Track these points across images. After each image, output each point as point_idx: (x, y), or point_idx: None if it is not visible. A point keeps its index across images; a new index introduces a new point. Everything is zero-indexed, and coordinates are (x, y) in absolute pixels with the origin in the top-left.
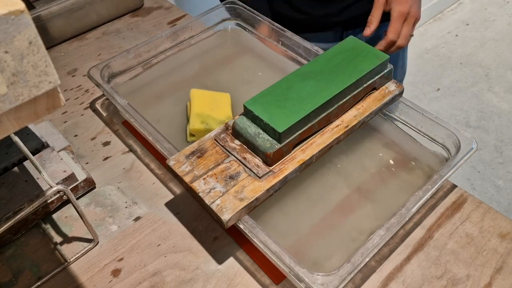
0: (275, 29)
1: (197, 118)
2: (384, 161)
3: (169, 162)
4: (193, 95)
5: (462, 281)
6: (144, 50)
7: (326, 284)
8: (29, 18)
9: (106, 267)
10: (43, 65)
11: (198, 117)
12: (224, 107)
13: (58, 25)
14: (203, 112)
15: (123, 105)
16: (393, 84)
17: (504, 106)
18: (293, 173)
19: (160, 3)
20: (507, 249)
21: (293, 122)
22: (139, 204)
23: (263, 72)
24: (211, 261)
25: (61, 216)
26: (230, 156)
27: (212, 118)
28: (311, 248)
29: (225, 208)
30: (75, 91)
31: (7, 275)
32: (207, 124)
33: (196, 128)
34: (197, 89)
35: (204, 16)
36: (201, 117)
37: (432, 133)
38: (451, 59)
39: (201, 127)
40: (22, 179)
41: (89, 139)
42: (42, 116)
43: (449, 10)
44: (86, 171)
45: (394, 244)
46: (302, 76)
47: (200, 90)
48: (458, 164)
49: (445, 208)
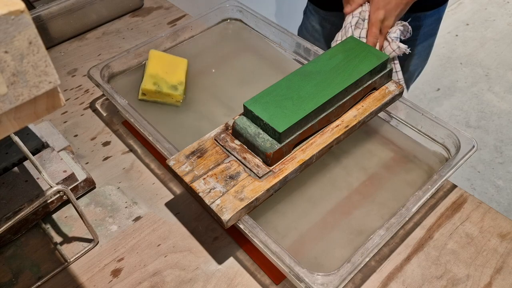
0: (275, 29)
1: (150, 79)
2: (384, 161)
3: (169, 162)
4: (151, 56)
5: (462, 281)
6: (144, 50)
7: (326, 284)
8: (29, 18)
9: (106, 267)
10: (43, 65)
11: (151, 78)
12: (178, 72)
13: (58, 25)
14: (157, 73)
15: (123, 105)
16: (393, 84)
17: (504, 106)
18: (293, 173)
19: (160, 3)
20: (507, 249)
21: (293, 122)
22: (139, 204)
23: (263, 72)
24: (211, 261)
25: (61, 216)
26: (230, 156)
27: (164, 81)
28: (311, 248)
29: (225, 208)
30: (75, 91)
31: (7, 275)
32: (158, 86)
33: (147, 88)
34: (156, 50)
35: (204, 16)
36: (154, 79)
37: (432, 133)
38: (451, 59)
39: (152, 88)
40: (22, 179)
41: (89, 139)
42: (42, 116)
43: (449, 10)
44: (86, 171)
45: (394, 244)
46: (302, 76)
47: (159, 52)
48: (458, 164)
49: (445, 208)
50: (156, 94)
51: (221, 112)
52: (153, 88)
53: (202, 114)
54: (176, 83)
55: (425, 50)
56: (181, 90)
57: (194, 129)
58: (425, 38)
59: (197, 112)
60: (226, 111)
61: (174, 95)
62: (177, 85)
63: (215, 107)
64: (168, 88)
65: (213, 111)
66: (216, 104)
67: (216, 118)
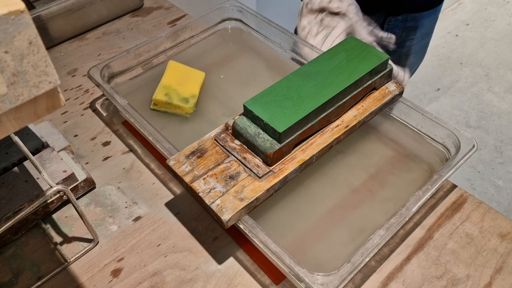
0: (276, 29)
1: (163, 90)
2: (384, 161)
3: (169, 162)
4: (168, 66)
5: (462, 281)
6: (144, 50)
7: (326, 284)
8: (29, 18)
9: (106, 267)
10: (43, 65)
11: (164, 88)
12: (193, 85)
13: (58, 25)
14: (170, 84)
15: (123, 105)
16: (393, 84)
17: (504, 106)
18: (293, 173)
19: (160, 3)
20: (507, 249)
21: (293, 122)
22: (139, 204)
23: (263, 72)
24: (211, 261)
25: (61, 216)
26: (230, 156)
27: (176, 93)
28: (311, 248)
29: (225, 208)
30: (75, 91)
31: (7, 275)
32: (169, 98)
33: (158, 99)
34: (174, 62)
35: (204, 16)
36: (167, 90)
37: (432, 133)
38: (451, 59)
39: (163, 99)
40: (22, 179)
41: (89, 139)
42: (42, 116)
43: (449, 10)
44: (86, 171)
45: (394, 244)
46: (302, 76)
47: (177, 63)
48: (458, 164)
49: (445, 208)
50: (167, 105)
51: (221, 112)
52: (164, 99)
53: (202, 114)
54: (188, 96)
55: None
56: (192, 103)
57: (194, 129)
58: (422, 38)
59: (197, 112)
60: (226, 111)
61: (184, 108)
62: (189, 98)
63: (215, 107)
64: (178, 100)
65: (213, 111)
66: (216, 104)
67: (216, 118)
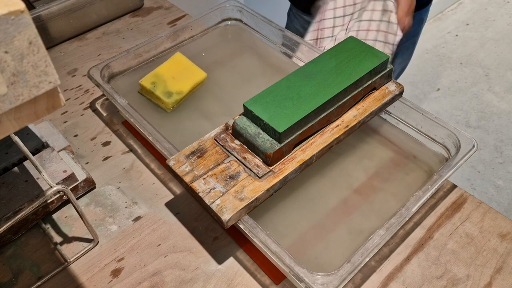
0: (275, 29)
1: (152, 77)
2: (384, 161)
3: (169, 162)
4: (172, 57)
5: (462, 281)
6: (144, 50)
7: (326, 284)
8: (29, 18)
9: (106, 267)
10: (43, 65)
11: (154, 77)
12: (186, 82)
13: (58, 25)
14: (163, 75)
15: (123, 105)
16: (393, 84)
17: (504, 106)
18: (293, 173)
19: (160, 3)
20: (507, 249)
21: (293, 122)
22: (139, 204)
23: (263, 72)
24: (211, 261)
25: (61, 216)
26: (230, 156)
27: (164, 85)
28: (311, 248)
29: (225, 208)
30: (75, 91)
31: (7, 275)
32: (154, 87)
33: (143, 84)
34: (181, 54)
35: (204, 16)
36: (157, 78)
37: (432, 133)
38: (451, 59)
39: (147, 86)
40: (22, 179)
41: (89, 139)
42: (42, 116)
43: (449, 10)
44: (86, 171)
45: (394, 244)
46: (302, 76)
47: (183, 56)
48: (458, 164)
49: (445, 208)
50: (150, 93)
51: (221, 112)
52: (148, 87)
53: (202, 114)
54: (174, 91)
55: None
56: (174, 99)
57: (194, 129)
58: (407, 39)
59: (197, 112)
60: (226, 111)
61: (164, 101)
62: (174, 93)
63: (215, 107)
64: (161, 93)
65: (213, 111)
66: (216, 104)
67: (216, 118)
